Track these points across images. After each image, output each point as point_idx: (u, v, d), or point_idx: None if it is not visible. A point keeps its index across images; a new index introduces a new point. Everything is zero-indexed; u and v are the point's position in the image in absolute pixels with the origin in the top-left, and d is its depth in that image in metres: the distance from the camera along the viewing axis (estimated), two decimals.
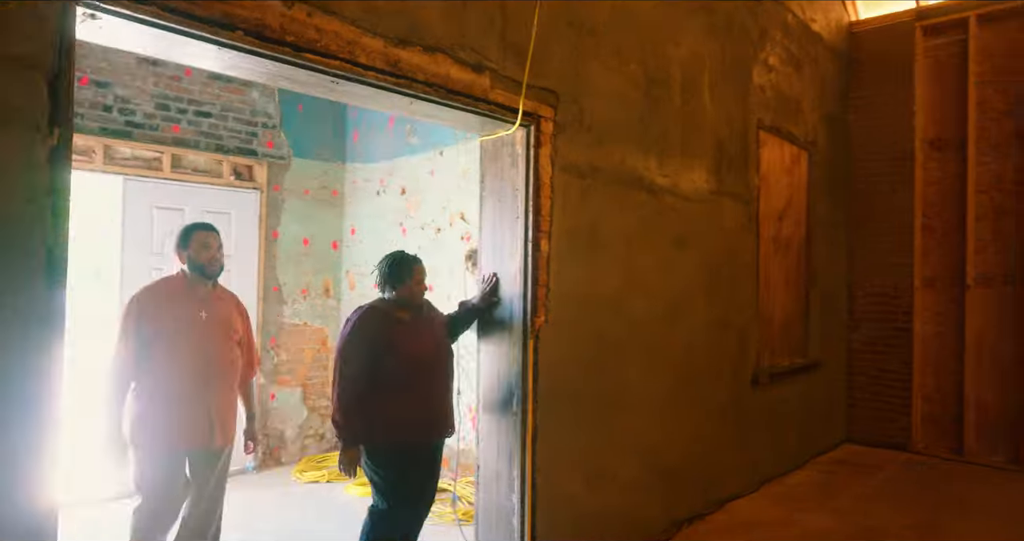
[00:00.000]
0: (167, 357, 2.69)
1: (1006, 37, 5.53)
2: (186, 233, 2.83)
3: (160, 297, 2.77)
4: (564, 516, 3.17)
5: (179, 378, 2.71)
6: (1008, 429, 5.44)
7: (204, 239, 2.82)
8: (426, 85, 2.57)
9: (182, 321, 2.74)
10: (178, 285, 2.84)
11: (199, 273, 2.83)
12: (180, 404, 2.71)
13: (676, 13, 3.97)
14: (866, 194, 6.17)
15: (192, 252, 2.80)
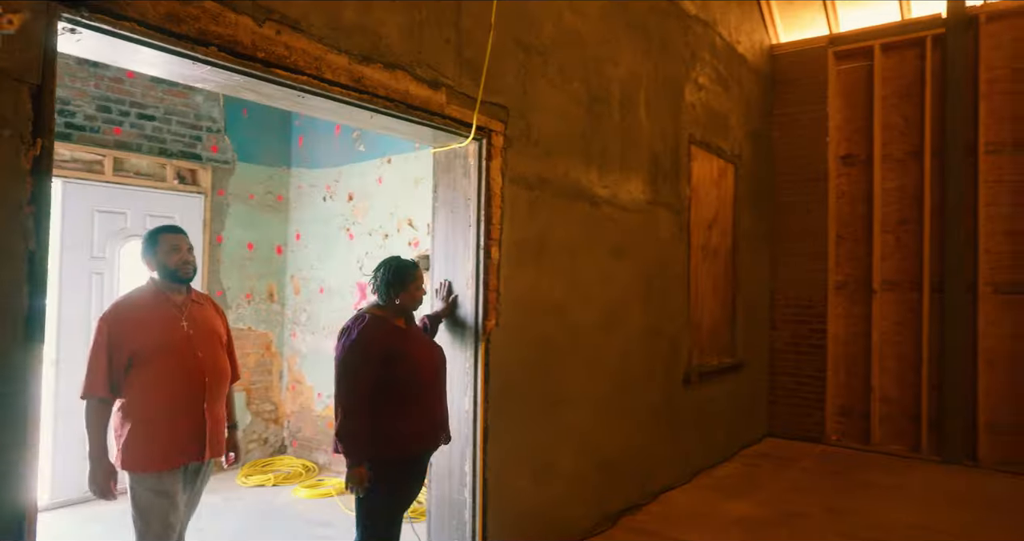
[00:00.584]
0: (154, 377, 2.51)
1: (905, 64, 6.09)
2: (152, 238, 2.65)
3: (134, 314, 2.55)
4: (513, 509, 3.35)
5: (170, 396, 2.53)
6: (908, 421, 5.97)
7: (173, 242, 2.64)
8: (387, 100, 2.71)
9: (164, 335, 2.55)
10: (151, 296, 2.62)
11: (172, 279, 2.64)
12: (174, 421, 2.54)
13: (615, 35, 4.23)
14: (786, 206, 6.63)
15: (162, 257, 2.62)
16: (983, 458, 5.56)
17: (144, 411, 2.51)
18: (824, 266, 6.38)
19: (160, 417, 2.52)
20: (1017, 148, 5.55)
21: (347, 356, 2.62)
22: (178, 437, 2.55)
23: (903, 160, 6.09)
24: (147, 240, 2.66)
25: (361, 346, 2.62)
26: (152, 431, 2.50)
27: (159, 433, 2.51)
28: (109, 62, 2.22)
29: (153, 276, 2.67)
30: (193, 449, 2.59)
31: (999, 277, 5.60)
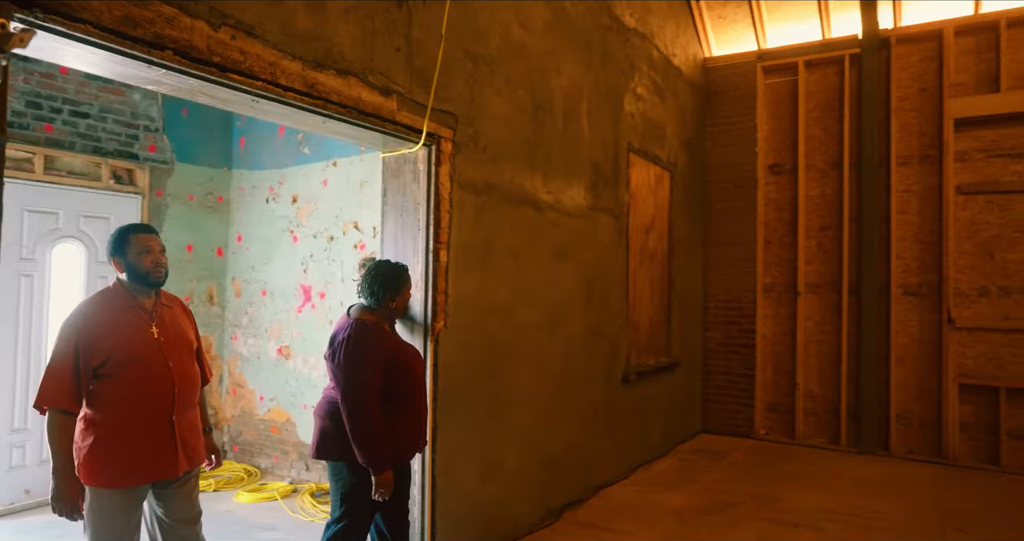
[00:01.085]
0: (122, 387, 2.35)
1: (826, 80, 6.50)
2: (121, 237, 2.46)
3: (102, 318, 2.37)
4: (461, 506, 3.44)
5: (138, 407, 2.37)
6: (829, 415, 6.36)
7: (145, 242, 2.46)
8: (340, 106, 2.77)
9: (134, 344, 2.39)
10: (119, 300, 2.44)
11: (142, 282, 2.46)
12: (141, 435, 2.38)
13: (558, 46, 4.39)
14: (719, 212, 6.95)
15: (132, 258, 2.43)
16: (894, 448, 5.99)
17: (110, 423, 2.34)
18: (753, 270, 6.73)
19: (127, 430, 2.35)
20: (923, 161, 6.01)
21: (354, 363, 2.57)
22: (145, 452, 2.39)
23: (824, 170, 6.49)
24: (116, 239, 2.46)
25: (367, 353, 2.59)
26: (118, 445, 2.34)
27: (125, 447, 2.35)
28: (60, 63, 2.20)
29: (121, 278, 2.49)
30: (164, 464, 2.43)
31: (908, 280, 6.04)
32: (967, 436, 5.77)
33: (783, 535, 4.05)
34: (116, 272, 2.50)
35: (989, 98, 5.73)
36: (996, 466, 5.59)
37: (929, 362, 5.92)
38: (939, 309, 5.86)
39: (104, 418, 2.34)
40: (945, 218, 5.84)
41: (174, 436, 2.45)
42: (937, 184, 5.92)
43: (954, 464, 5.70)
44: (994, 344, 5.71)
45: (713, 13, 6.86)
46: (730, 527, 4.16)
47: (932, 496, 4.86)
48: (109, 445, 2.33)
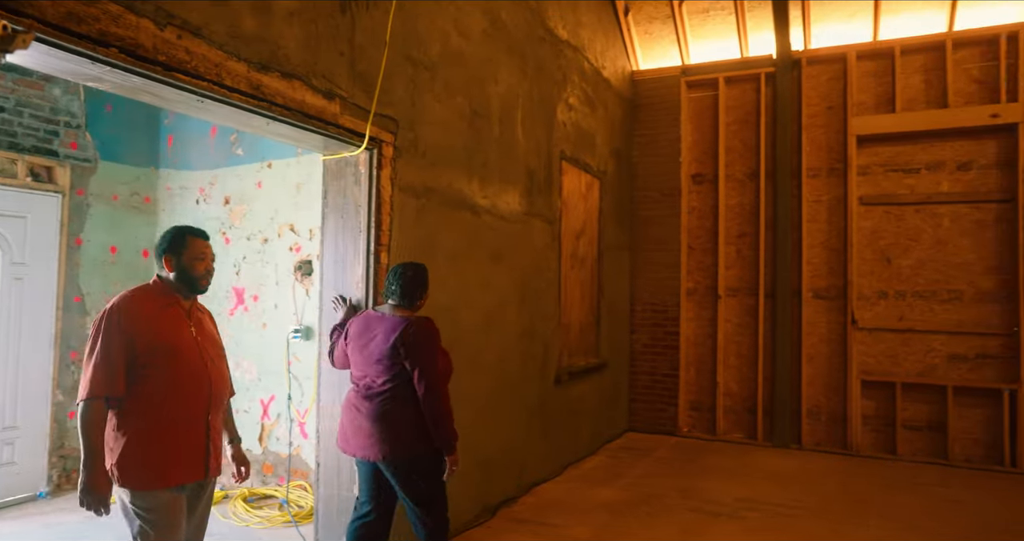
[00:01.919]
0: (162, 383, 2.30)
1: (744, 96, 6.92)
2: (179, 238, 2.45)
3: (145, 309, 2.33)
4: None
5: (176, 405, 2.33)
6: (747, 412, 6.74)
7: (201, 248, 2.47)
8: (284, 109, 2.80)
9: (175, 338, 2.36)
10: (161, 296, 2.41)
11: (189, 287, 2.46)
12: (178, 433, 2.34)
13: (496, 55, 4.52)
14: (645, 219, 7.25)
15: (186, 261, 2.43)
16: (805, 441, 6.41)
17: (147, 420, 2.29)
18: (677, 274, 7.05)
19: (165, 428, 2.31)
20: (831, 173, 6.48)
21: (435, 358, 2.86)
22: (184, 450, 2.35)
23: (743, 180, 6.89)
24: (173, 238, 2.45)
25: (438, 348, 2.91)
26: (156, 443, 2.29)
27: (163, 445, 2.30)
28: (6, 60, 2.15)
29: (164, 276, 2.46)
30: (198, 465, 2.40)
31: (818, 284, 6.49)
32: (868, 428, 6.24)
33: (705, 524, 4.29)
34: (164, 269, 2.45)
35: (886, 118, 6.25)
36: (893, 455, 6.08)
37: (836, 360, 6.37)
38: (844, 311, 6.33)
39: (142, 415, 2.29)
40: (849, 227, 6.31)
41: (208, 436, 2.43)
42: (843, 195, 6.39)
43: (857, 454, 6.16)
44: (891, 343, 6.21)
45: (640, 29, 7.17)
46: (657, 518, 4.38)
47: (838, 484, 5.24)
48: (148, 443, 2.29)
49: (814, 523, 4.33)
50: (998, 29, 5.90)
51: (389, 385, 2.84)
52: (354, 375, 2.99)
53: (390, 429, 2.83)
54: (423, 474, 2.88)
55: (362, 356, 2.92)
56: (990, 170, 5.98)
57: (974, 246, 5.99)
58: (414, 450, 2.84)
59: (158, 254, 2.47)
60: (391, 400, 2.84)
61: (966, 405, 5.92)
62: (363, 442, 2.87)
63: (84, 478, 2.21)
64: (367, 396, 2.88)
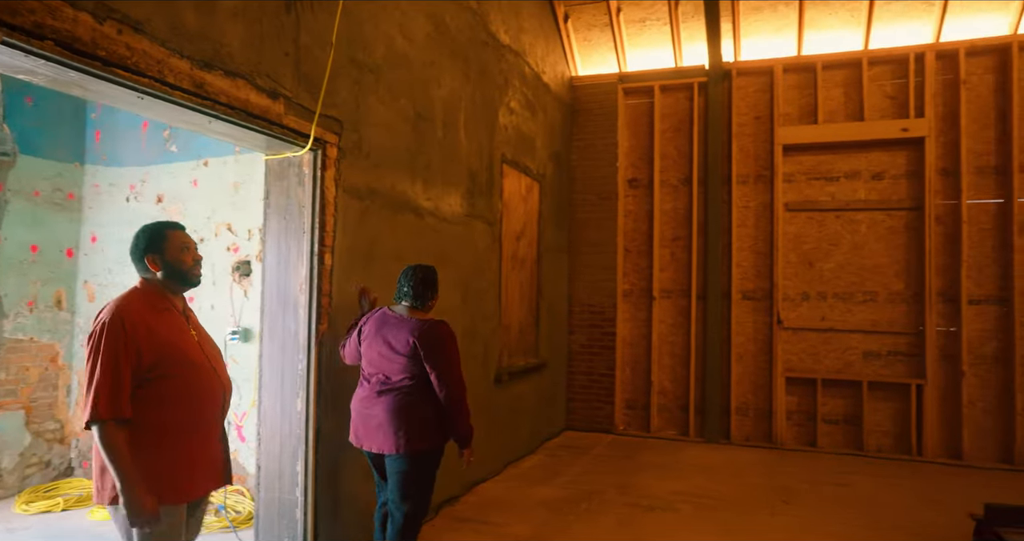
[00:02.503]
0: (174, 394, 2.20)
1: (678, 104, 7.17)
2: (157, 234, 2.34)
3: (146, 316, 2.21)
4: (344, 507, 3.48)
5: (192, 412, 2.25)
6: (679, 410, 6.98)
7: (182, 239, 2.37)
8: (228, 107, 2.76)
9: (181, 345, 2.27)
10: (155, 300, 2.29)
11: (181, 281, 2.36)
12: (194, 445, 2.26)
13: (439, 59, 4.55)
14: (583, 222, 7.41)
15: (171, 256, 2.32)
16: (734, 436, 6.70)
17: (161, 434, 2.17)
18: (614, 276, 7.23)
19: (181, 439, 2.22)
20: (758, 180, 6.79)
21: (455, 357, 3.05)
22: (200, 462, 2.27)
23: (676, 186, 7.14)
24: (151, 236, 2.33)
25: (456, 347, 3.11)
26: (173, 457, 2.19)
27: (181, 459, 2.21)
28: None
29: (149, 277, 2.34)
30: (217, 474, 2.35)
31: (746, 286, 6.79)
32: (792, 423, 6.57)
33: (642, 517, 4.44)
34: (149, 271, 2.32)
35: (809, 128, 6.60)
36: (814, 447, 6.43)
37: (762, 359, 6.68)
38: (771, 312, 6.64)
39: (157, 429, 2.17)
40: (775, 232, 6.64)
41: (222, 446, 2.38)
42: (769, 201, 6.72)
43: (781, 447, 6.48)
44: (813, 342, 6.57)
45: (579, 35, 7.33)
46: (595, 514, 4.50)
47: (764, 476, 5.51)
48: (163, 458, 2.17)
49: (739, 512, 4.55)
50: (907, 49, 6.34)
51: (406, 382, 3.02)
52: (366, 371, 3.14)
53: (406, 423, 2.99)
54: (426, 467, 3.07)
55: (377, 353, 3.07)
56: (901, 180, 6.40)
57: (887, 251, 6.41)
58: (426, 444, 3.02)
59: (138, 257, 2.34)
60: (407, 396, 3.01)
61: (879, 399, 6.32)
62: (377, 436, 3.02)
63: (131, 501, 2.06)
64: (380, 391, 3.05)
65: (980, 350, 6.09)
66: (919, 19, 6.34)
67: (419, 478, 3.05)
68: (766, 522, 4.40)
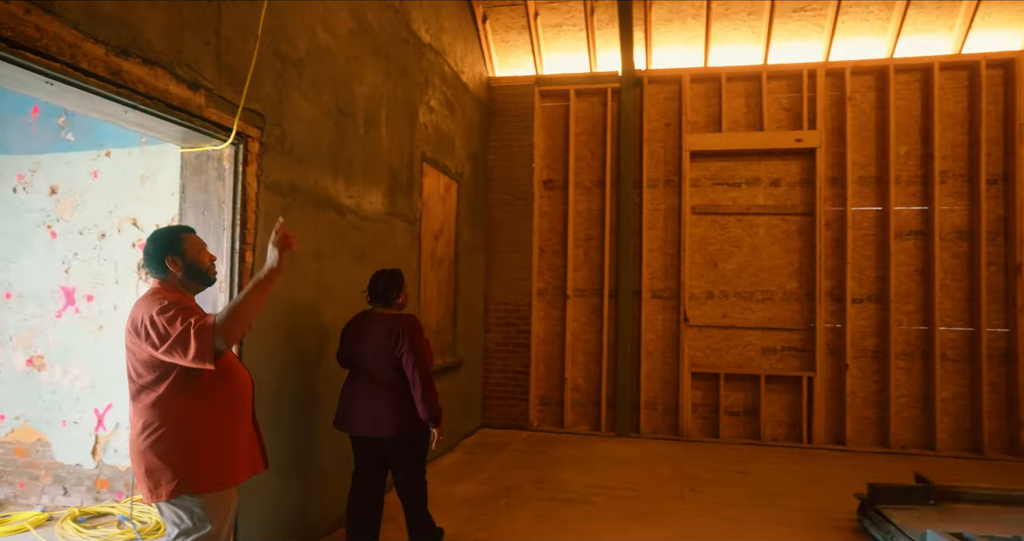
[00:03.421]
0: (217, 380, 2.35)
1: (593, 109, 7.39)
2: (175, 237, 2.47)
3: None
4: (263, 511, 3.38)
5: (233, 401, 2.42)
6: (592, 405, 7.21)
7: (198, 241, 2.52)
8: (146, 97, 2.63)
9: None
10: (181, 296, 2.43)
11: (200, 281, 2.50)
12: (237, 430, 2.42)
13: (362, 55, 4.49)
14: (499, 221, 7.50)
15: (192, 256, 2.46)
16: (644, 430, 6.98)
17: (210, 424, 2.33)
18: (529, 275, 7.37)
19: (226, 429, 2.38)
20: (667, 184, 7.11)
21: (423, 346, 3.46)
22: (243, 449, 2.45)
23: (590, 188, 7.36)
24: (169, 239, 2.46)
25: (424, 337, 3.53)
26: (222, 444, 2.36)
27: (228, 445, 2.38)
28: None
29: (165, 278, 2.45)
30: (257, 458, 2.53)
31: (656, 285, 7.10)
32: (697, 416, 6.93)
33: (559, 510, 4.57)
34: (169, 272, 2.44)
35: (714, 136, 6.98)
36: (717, 438, 6.81)
37: (670, 355, 7.01)
38: (678, 310, 6.98)
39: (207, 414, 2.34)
40: (683, 234, 6.97)
41: (257, 430, 2.57)
42: (677, 205, 7.05)
43: (687, 439, 6.82)
44: (716, 338, 6.95)
45: (497, 37, 7.41)
46: (515, 508, 4.59)
47: (672, 467, 5.79)
48: (216, 442, 2.34)
49: (651, 501, 4.77)
50: (801, 66, 6.82)
51: (390, 373, 3.43)
52: (356, 366, 3.56)
53: (395, 409, 3.40)
54: (417, 446, 3.50)
55: (362, 349, 3.50)
56: (795, 187, 6.89)
57: (783, 253, 6.88)
58: (413, 426, 3.43)
59: (158, 259, 2.44)
60: (394, 386, 3.43)
61: (774, 391, 6.78)
62: (369, 422, 3.42)
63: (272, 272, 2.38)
64: (372, 383, 3.46)
65: (861, 345, 6.66)
66: (812, 39, 6.85)
67: (418, 453, 3.52)
68: (675, 508, 4.64)
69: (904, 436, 6.52)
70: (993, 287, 6.42)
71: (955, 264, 6.53)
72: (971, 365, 6.43)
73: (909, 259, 6.61)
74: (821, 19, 6.69)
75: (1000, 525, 3.81)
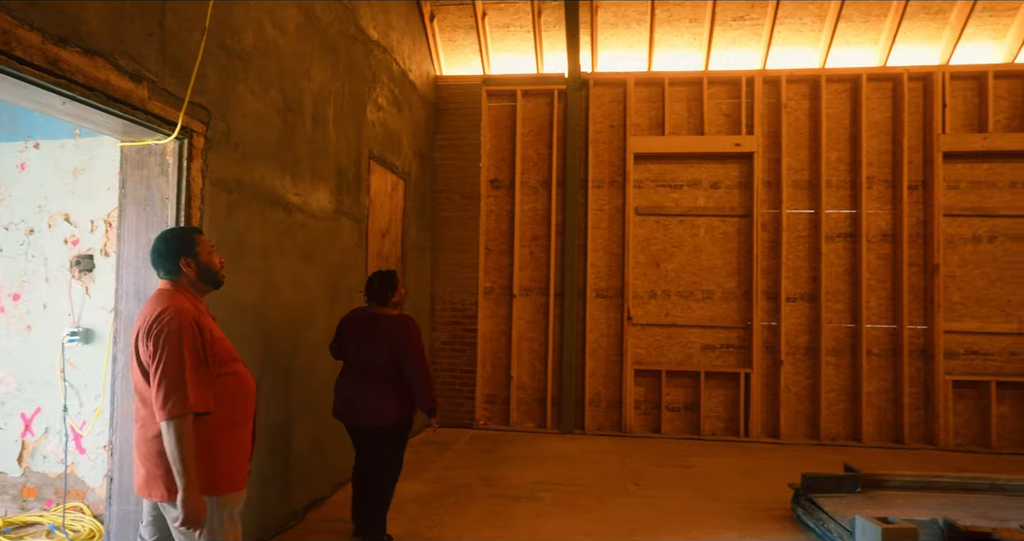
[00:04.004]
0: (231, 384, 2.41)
1: (539, 110, 7.47)
2: (188, 238, 2.48)
3: (199, 316, 2.36)
4: None
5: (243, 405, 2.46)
6: (537, 403, 7.29)
7: (209, 243, 2.54)
8: (86, 88, 2.53)
9: (224, 341, 2.47)
10: (195, 299, 2.45)
11: (210, 282, 2.52)
12: (245, 433, 2.48)
13: (309, 51, 4.43)
14: (446, 220, 7.49)
15: (204, 258, 2.48)
16: (588, 427, 7.11)
17: (226, 427, 2.37)
18: (475, 274, 7.39)
19: (238, 432, 2.43)
20: (612, 185, 7.26)
21: (421, 342, 3.75)
22: (248, 452, 2.50)
23: (536, 187, 7.43)
24: (183, 241, 2.47)
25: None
26: (236, 447, 2.42)
27: (241, 449, 2.44)
28: None
29: (175, 280, 2.45)
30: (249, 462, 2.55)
31: (600, 284, 7.23)
32: (639, 412, 7.10)
33: (507, 507, 4.62)
34: (182, 273, 2.44)
35: (657, 139, 7.16)
36: (658, 434, 6.99)
37: (614, 353, 7.15)
38: (622, 309, 7.13)
39: (223, 419, 2.36)
40: (627, 234, 7.13)
41: (254, 438, 2.57)
42: (621, 205, 7.20)
43: (630, 435, 6.98)
44: (659, 336, 7.14)
45: (444, 36, 7.39)
46: (464, 506, 4.61)
47: (616, 462, 5.92)
48: (231, 445, 2.39)
49: (596, 496, 4.87)
50: (740, 73, 7.07)
51: (386, 369, 3.70)
52: (351, 360, 3.81)
53: (388, 400, 3.70)
54: (400, 435, 3.80)
55: (360, 346, 3.76)
56: (734, 190, 7.14)
57: (722, 253, 7.12)
58: (404, 415, 3.76)
59: (172, 260, 2.44)
60: (389, 379, 3.71)
61: (714, 387, 7.01)
62: (370, 412, 3.70)
63: (187, 498, 2.20)
64: (365, 376, 3.73)
65: (795, 342, 6.95)
66: (750, 47, 7.10)
67: (400, 441, 3.83)
68: (620, 502, 4.75)
69: (834, 428, 6.85)
70: (913, 287, 6.81)
71: (880, 265, 6.89)
72: (894, 360, 6.80)
73: (838, 260, 6.94)
74: (759, 28, 6.95)
75: (920, 509, 4.06)
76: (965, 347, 6.73)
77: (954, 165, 6.83)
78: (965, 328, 6.72)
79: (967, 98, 6.86)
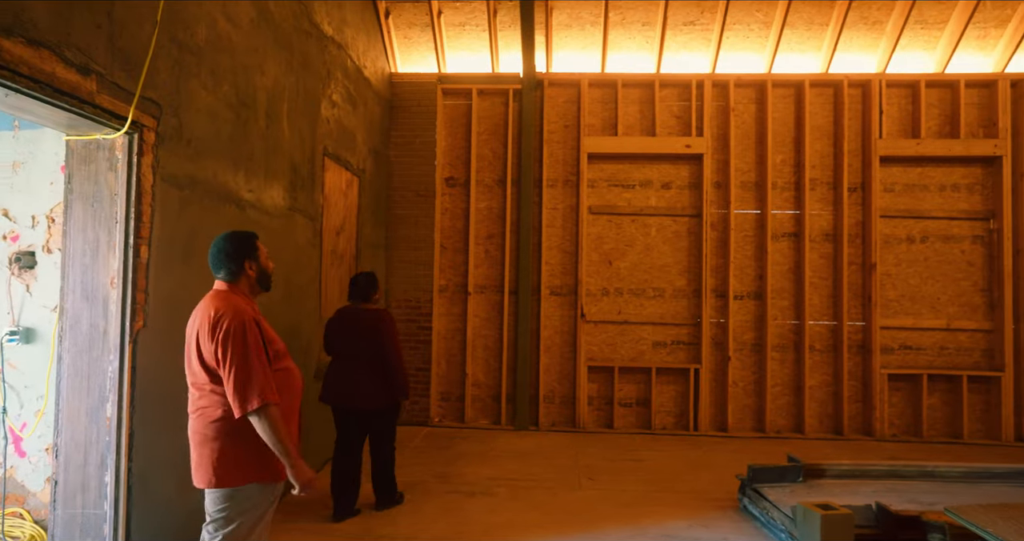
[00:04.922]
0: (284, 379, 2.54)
1: (495, 109, 7.51)
2: (252, 242, 2.63)
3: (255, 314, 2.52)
4: (158, 518, 3.25)
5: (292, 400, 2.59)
6: (492, 400, 7.34)
7: (265, 249, 2.70)
8: (31, 80, 2.46)
9: (277, 339, 2.62)
10: (250, 300, 2.59)
11: (264, 285, 2.69)
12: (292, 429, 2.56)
13: (263, 45, 4.37)
14: (400, 218, 7.47)
15: (263, 262, 2.65)
16: (542, 423, 7.20)
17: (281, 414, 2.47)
18: (430, 272, 7.39)
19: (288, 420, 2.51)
20: (566, 185, 7.36)
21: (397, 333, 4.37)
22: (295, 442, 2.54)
23: (491, 186, 7.48)
24: (248, 244, 2.62)
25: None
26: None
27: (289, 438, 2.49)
28: None
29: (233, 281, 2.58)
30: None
31: (554, 282, 7.33)
32: (592, 407, 7.22)
33: (462, 503, 4.66)
34: (244, 275, 2.59)
35: (610, 140, 7.29)
36: (611, 429, 7.13)
37: (567, 350, 7.26)
38: (575, 306, 7.24)
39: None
40: (580, 232, 7.24)
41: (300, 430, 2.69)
42: (575, 204, 7.30)
43: (584, 430, 7.10)
44: (611, 333, 7.27)
45: (400, 33, 7.37)
46: (419, 503, 4.63)
47: (570, 457, 6.02)
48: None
49: (550, 491, 4.96)
50: (690, 76, 7.26)
51: (374, 357, 4.23)
52: (343, 351, 4.36)
53: (381, 387, 4.24)
54: (391, 417, 4.40)
55: (350, 338, 4.32)
56: (684, 190, 7.32)
57: (672, 252, 7.29)
58: (392, 399, 4.29)
59: (238, 262, 2.58)
60: (378, 368, 4.24)
61: (664, 383, 7.18)
62: (357, 395, 4.24)
63: (297, 471, 2.41)
64: (357, 365, 4.26)
65: (742, 338, 7.18)
66: (700, 51, 7.29)
67: (394, 422, 4.45)
68: (573, 496, 4.84)
69: (779, 421, 7.10)
70: (852, 284, 7.12)
71: (822, 264, 7.18)
72: (834, 355, 7.10)
73: (783, 259, 7.20)
74: (708, 33, 7.15)
75: (857, 496, 4.27)
76: (900, 342, 7.07)
77: (890, 169, 7.16)
78: (900, 324, 7.06)
79: (902, 105, 7.20)
